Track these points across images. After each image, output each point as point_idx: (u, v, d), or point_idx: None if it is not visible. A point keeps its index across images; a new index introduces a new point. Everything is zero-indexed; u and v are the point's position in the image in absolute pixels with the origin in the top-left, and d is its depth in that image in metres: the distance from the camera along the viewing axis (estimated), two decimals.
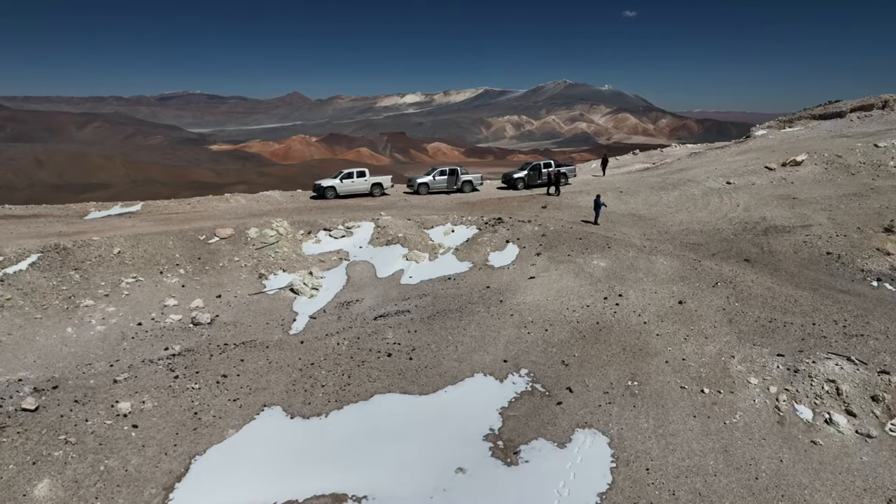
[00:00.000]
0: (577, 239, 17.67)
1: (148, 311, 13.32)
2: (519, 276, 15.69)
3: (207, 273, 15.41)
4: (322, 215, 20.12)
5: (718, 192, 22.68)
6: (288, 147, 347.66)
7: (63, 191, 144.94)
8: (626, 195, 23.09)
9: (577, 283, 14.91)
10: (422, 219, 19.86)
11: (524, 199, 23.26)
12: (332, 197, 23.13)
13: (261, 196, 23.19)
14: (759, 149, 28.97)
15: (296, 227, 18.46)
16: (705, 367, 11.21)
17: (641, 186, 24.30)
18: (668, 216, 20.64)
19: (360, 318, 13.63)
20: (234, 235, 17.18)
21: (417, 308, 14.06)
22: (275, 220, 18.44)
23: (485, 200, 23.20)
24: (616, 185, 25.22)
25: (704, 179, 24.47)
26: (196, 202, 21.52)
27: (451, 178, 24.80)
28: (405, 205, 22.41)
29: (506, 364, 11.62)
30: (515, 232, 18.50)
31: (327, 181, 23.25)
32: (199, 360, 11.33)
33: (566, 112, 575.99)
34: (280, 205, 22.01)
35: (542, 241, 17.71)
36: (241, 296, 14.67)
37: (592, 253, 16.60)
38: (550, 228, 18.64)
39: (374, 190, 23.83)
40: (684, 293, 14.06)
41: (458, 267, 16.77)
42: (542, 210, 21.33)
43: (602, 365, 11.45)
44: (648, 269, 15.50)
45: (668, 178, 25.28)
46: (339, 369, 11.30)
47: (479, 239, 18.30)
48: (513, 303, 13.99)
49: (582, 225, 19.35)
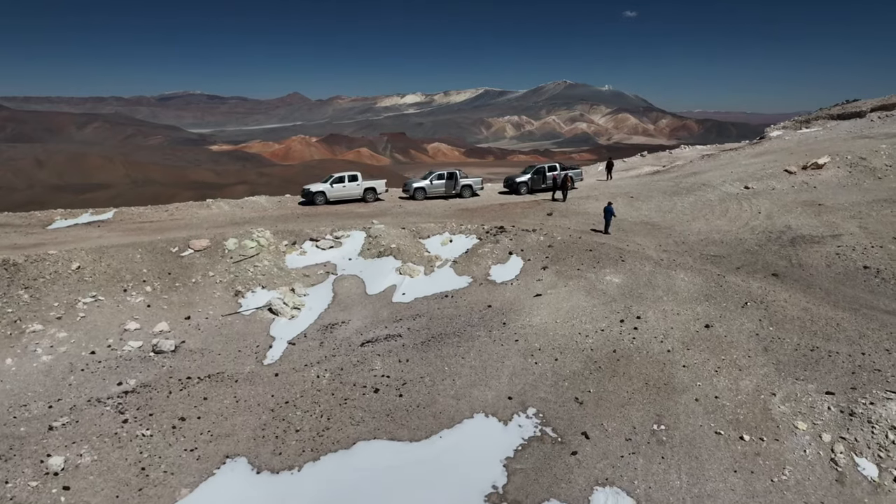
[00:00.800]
0: (587, 251, 16.12)
1: (105, 337, 11.76)
2: (524, 293, 14.14)
3: (177, 290, 13.85)
4: (309, 223, 18.58)
5: (737, 198, 21.11)
6: (288, 147, 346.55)
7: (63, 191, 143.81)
8: (637, 201, 21.52)
9: (590, 302, 13.35)
10: (417, 227, 18.32)
11: (528, 205, 21.71)
12: (321, 203, 21.58)
13: (245, 202, 21.65)
14: (776, 151, 27.40)
15: (279, 237, 16.91)
16: (742, 406, 9.65)
17: (653, 191, 22.73)
18: (684, 224, 19.07)
19: (346, 344, 12.07)
20: (210, 247, 15.63)
21: (410, 332, 12.51)
22: (256, 229, 16.89)
23: (485, 206, 21.65)
24: (625, 189, 23.66)
25: (720, 184, 22.90)
26: (174, 209, 19.98)
27: (449, 183, 23.25)
28: (400, 211, 20.86)
29: (511, 402, 10.06)
30: (519, 242, 16.95)
31: (317, 186, 21.71)
32: (155, 399, 9.77)
33: (566, 112, 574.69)
34: (265, 211, 20.47)
35: (549, 253, 16.16)
36: (212, 317, 13.12)
37: (605, 267, 15.04)
38: (557, 238, 17.08)
39: (367, 195, 22.27)
40: (710, 315, 12.50)
41: (456, 282, 15.21)
42: (548, 217, 19.78)
43: (622, 403, 9.89)
44: (668, 285, 13.94)
45: (682, 183, 23.72)
46: (318, 409, 9.75)
47: (479, 250, 16.75)
48: (517, 325, 12.43)
49: (591, 234, 17.79)
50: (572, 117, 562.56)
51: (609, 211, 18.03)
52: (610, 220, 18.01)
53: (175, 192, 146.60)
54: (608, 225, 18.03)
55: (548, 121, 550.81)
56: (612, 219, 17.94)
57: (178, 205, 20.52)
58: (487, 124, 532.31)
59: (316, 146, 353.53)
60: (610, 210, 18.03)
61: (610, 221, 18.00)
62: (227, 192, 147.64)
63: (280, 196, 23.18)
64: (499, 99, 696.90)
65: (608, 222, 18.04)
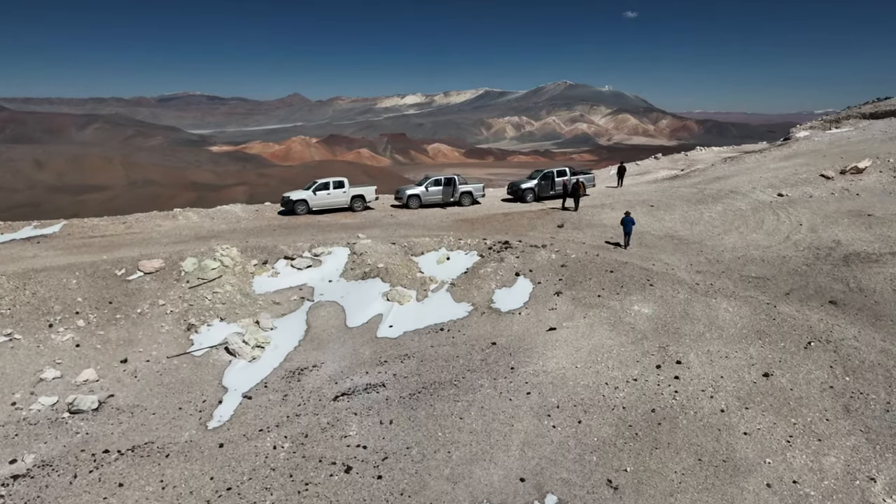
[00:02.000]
0: (607, 272, 13.73)
1: (11, 391, 9.40)
2: (534, 326, 11.76)
3: (117, 324, 11.49)
4: (286, 237, 16.21)
5: (771, 207, 18.72)
6: (288, 148, 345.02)
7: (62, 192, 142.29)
8: (659, 210, 19.12)
9: (616, 339, 10.97)
10: (409, 242, 15.95)
11: (535, 214, 19.32)
12: (303, 212, 19.19)
13: (218, 211, 19.28)
14: (807, 153, 25.01)
15: (248, 255, 14.54)
16: (833, 498, 7.26)
17: (675, 199, 20.33)
18: (715, 238, 16.68)
19: (315, 398, 9.69)
20: (163, 269, 13.27)
21: (397, 379, 10.13)
22: (221, 245, 14.52)
23: (487, 216, 19.26)
24: (644, 197, 21.26)
25: (750, 191, 20.51)
26: (134, 220, 17.60)
27: (446, 189, 20.86)
28: (391, 222, 18.49)
29: (523, 485, 7.68)
30: (527, 261, 14.57)
31: (298, 193, 19.32)
32: (53, 488, 7.40)
33: (566, 113, 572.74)
34: (238, 223, 18.10)
35: (563, 275, 13.78)
36: (155, 359, 10.74)
37: (631, 293, 12.65)
38: (572, 256, 14.70)
39: (355, 203, 19.89)
40: (767, 359, 10.11)
41: (453, 311, 12.83)
42: (559, 230, 17.40)
43: (671, 491, 7.50)
44: (709, 318, 11.55)
45: (706, 189, 21.32)
46: (269, 501, 7.37)
47: (480, 270, 14.36)
48: (529, 372, 10.06)
49: (610, 250, 15.40)
50: (572, 118, 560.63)
51: (628, 222, 15.75)
52: (630, 233, 15.76)
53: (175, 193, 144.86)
54: (628, 238, 15.78)
55: (548, 121, 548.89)
56: (632, 231, 15.66)
57: (140, 216, 18.13)
58: (488, 125, 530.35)
59: (316, 147, 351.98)
60: (629, 221, 15.73)
61: (630, 234, 15.76)
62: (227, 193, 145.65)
63: (258, 205, 20.81)
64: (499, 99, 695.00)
65: (628, 235, 15.78)
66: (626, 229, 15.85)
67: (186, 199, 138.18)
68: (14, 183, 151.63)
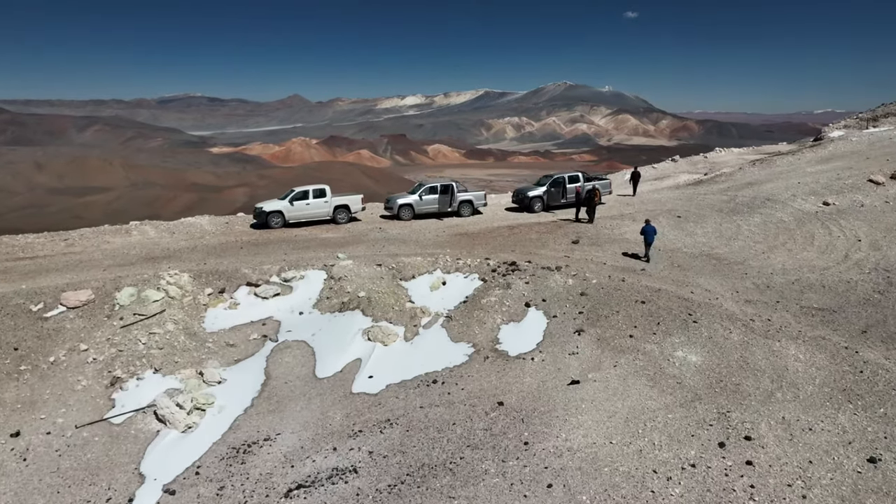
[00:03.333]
0: (637, 302, 11.24)
1: None
2: (552, 377, 9.28)
3: (21, 379, 9.01)
4: (253, 257, 13.72)
5: (818, 219, 16.19)
6: (288, 149, 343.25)
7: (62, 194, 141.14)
8: (688, 222, 16.59)
9: (659, 399, 8.47)
10: (398, 263, 13.46)
11: (545, 227, 16.80)
12: (278, 226, 16.68)
13: (180, 225, 16.77)
14: (846, 155, 22.47)
15: (202, 283, 12.05)
16: None
17: (705, 209, 17.81)
18: (759, 257, 14.14)
19: (261, 492, 7.20)
20: (92, 302, 10.79)
21: (373, 460, 7.64)
22: (169, 271, 12.03)
23: (490, 230, 16.75)
24: (668, 205, 18.73)
25: (789, 198, 17.97)
26: (78, 237, 15.12)
27: (443, 198, 18.33)
28: (379, 237, 15.99)
29: None
30: (539, 287, 12.08)
31: (272, 204, 16.80)
32: None
33: (567, 113, 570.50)
34: (202, 239, 15.60)
35: (583, 306, 11.29)
36: (60, 429, 8.26)
37: (671, 332, 10.15)
38: (592, 282, 12.19)
39: (339, 215, 17.36)
40: (868, 434, 7.59)
41: (449, 354, 10.34)
42: (574, 247, 14.88)
43: None
44: (776, 370, 9.03)
45: (738, 197, 18.79)
46: None
47: (483, 299, 11.87)
48: (548, 449, 7.56)
49: (637, 273, 12.88)
50: (573, 118, 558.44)
51: (650, 232, 13.65)
52: (651, 244, 13.76)
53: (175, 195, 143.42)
54: (648, 249, 13.82)
55: (548, 122, 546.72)
56: (654, 241, 13.79)
57: (87, 231, 15.63)
58: (488, 126, 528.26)
59: (316, 148, 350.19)
60: (651, 230, 13.66)
61: (651, 245, 13.79)
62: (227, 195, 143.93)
63: (229, 216, 18.31)
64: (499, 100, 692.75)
65: (649, 246, 13.78)
66: (646, 239, 13.77)
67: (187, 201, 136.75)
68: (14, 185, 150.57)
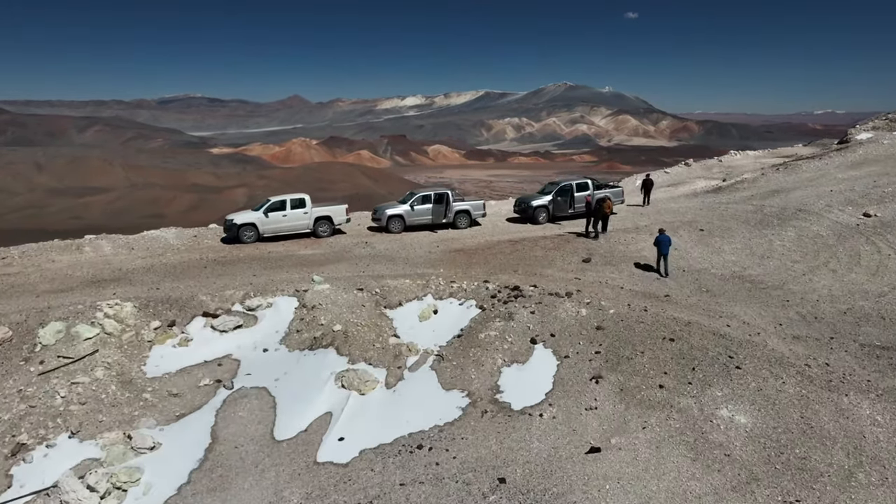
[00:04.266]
0: (664, 339, 9.40)
1: None
2: (566, 441, 7.44)
3: None
4: (215, 280, 11.89)
5: (861, 233, 14.32)
6: (288, 150, 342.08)
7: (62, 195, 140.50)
8: (712, 237, 14.73)
9: (705, 479, 6.62)
10: (383, 286, 11.62)
11: (552, 242, 14.95)
12: (251, 240, 14.83)
13: (142, 239, 14.91)
14: (881, 159, 20.60)
15: (148, 314, 10.21)
16: None
17: (730, 220, 15.95)
18: (800, 280, 12.27)
19: None
20: (8, 341, 8.96)
21: None
22: (111, 300, 10.19)
23: (490, 245, 14.91)
24: (687, 216, 16.88)
25: (824, 209, 16.12)
26: (19, 254, 13.24)
27: (437, 208, 16.48)
28: (363, 254, 14.15)
29: None
30: (547, 318, 10.24)
31: (244, 215, 14.93)
32: None
33: (567, 114, 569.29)
34: (162, 256, 13.75)
35: (600, 344, 9.45)
36: None
37: (710, 382, 8.30)
38: (610, 312, 10.35)
39: (320, 227, 15.49)
40: None
41: (440, 407, 8.49)
42: (585, 266, 13.04)
43: None
44: (850, 438, 7.18)
45: (765, 207, 16.92)
46: None
47: (481, 334, 10.02)
48: None
49: (661, 302, 11.02)
50: (573, 119, 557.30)
51: (664, 242, 12.23)
52: (667, 256, 12.37)
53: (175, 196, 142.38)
54: (665, 263, 12.44)
55: (548, 122, 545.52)
56: (669, 252, 12.41)
57: (31, 246, 13.77)
58: (488, 126, 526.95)
59: (316, 149, 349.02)
60: (665, 241, 12.24)
61: (667, 257, 12.41)
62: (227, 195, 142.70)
63: (199, 228, 16.43)
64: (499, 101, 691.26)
65: (665, 259, 12.40)
66: (661, 251, 12.30)
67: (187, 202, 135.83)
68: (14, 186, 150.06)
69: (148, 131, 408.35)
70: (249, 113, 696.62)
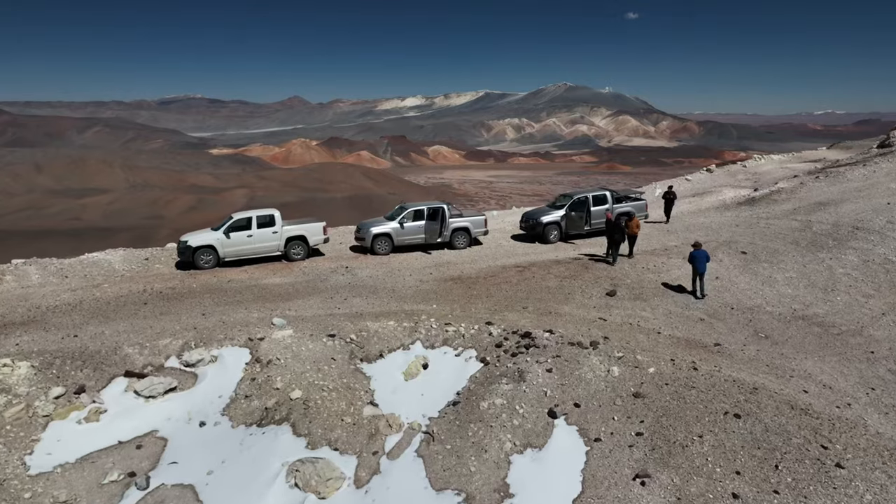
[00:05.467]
0: (727, 414, 7.05)
1: None
2: None
3: None
4: (153, 323, 9.54)
5: None
6: (288, 151, 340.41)
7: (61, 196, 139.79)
8: (758, 262, 12.35)
9: None
10: (361, 331, 9.28)
11: (567, 268, 12.57)
12: (209, 266, 12.47)
13: (79, 264, 12.52)
14: None
15: (50, 377, 7.84)
16: None
17: (774, 240, 13.59)
18: (879, 321, 9.89)
19: None
20: None
21: None
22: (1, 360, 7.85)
23: (492, 272, 12.53)
24: (723, 234, 14.51)
25: (885, 227, 13.74)
26: None
27: (431, 226, 14.10)
28: (342, 283, 11.80)
29: None
30: (568, 380, 7.90)
31: (201, 236, 12.52)
32: None
33: (567, 115, 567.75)
34: (98, 287, 11.39)
35: (641, 420, 7.11)
36: None
37: (806, 494, 5.93)
38: (649, 370, 8.00)
39: (292, 249, 13.12)
40: None
41: None
42: (610, 301, 10.68)
43: None
44: None
45: (813, 224, 14.56)
46: None
47: (483, 401, 7.68)
48: None
49: (712, 354, 8.67)
50: (573, 119, 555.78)
51: (700, 258, 10.53)
52: (704, 274, 10.62)
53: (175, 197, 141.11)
54: (702, 284, 10.71)
55: (548, 123, 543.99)
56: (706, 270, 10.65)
57: None
58: (488, 127, 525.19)
59: (316, 149, 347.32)
60: (702, 257, 10.54)
61: (704, 276, 10.65)
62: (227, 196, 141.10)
63: (154, 249, 14.07)
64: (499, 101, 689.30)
65: (701, 279, 10.66)
66: (697, 268, 10.56)
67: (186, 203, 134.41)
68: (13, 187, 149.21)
69: (148, 132, 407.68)
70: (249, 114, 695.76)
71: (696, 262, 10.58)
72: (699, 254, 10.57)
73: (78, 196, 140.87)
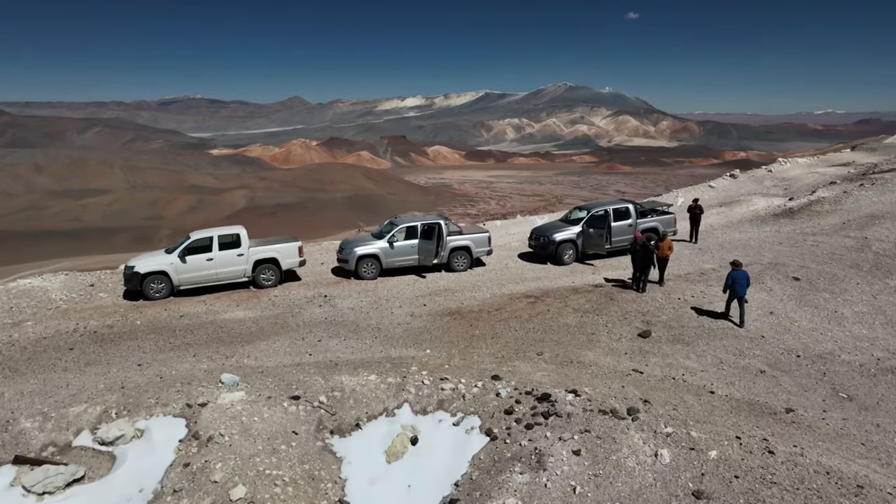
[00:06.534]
0: None
1: None
2: None
3: None
4: (74, 378, 7.55)
5: None
6: (288, 151, 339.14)
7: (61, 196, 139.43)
8: (816, 291, 10.34)
9: None
10: (334, 389, 7.28)
11: (587, 299, 10.55)
12: (161, 296, 10.48)
13: (4, 293, 10.55)
14: None
15: None
16: None
17: (829, 263, 11.58)
18: None
19: None
20: None
21: None
22: None
23: (498, 304, 10.51)
24: (763, 253, 12.50)
25: None
26: None
27: (426, 245, 12.07)
28: (316, 318, 9.80)
29: None
30: (602, 469, 5.90)
31: (152, 260, 10.49)
32: None
33: (567, 115, 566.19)
34: (20, 325, 9.37)
35: None
36: None
37: None
38: (710, 456, 5.99)
39: (262, 274, 11.13)
40: None
41: None
42: (643, 344, 8.67)
43: None
44: None
45: (871, 241, 12.56)
46: None
47: (489, 500, 5.68)
48: None
49: (788, 427, 6.67)
50: (573, 119, 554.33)
51: (741, 280, 8.93)
52: (744, 298, 9.03)
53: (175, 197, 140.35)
54: (742, 310, 9.12)
55: (548, 123, 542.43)
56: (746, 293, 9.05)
57: None
58: (488, 127, 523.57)
59: (316, 150, 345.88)
60: (743, 278, 8.93)
61: (744, 300, 9.06)
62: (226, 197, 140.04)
63: (101, 272, 12.07)
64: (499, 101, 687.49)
65: (742, 305, 9.09)
66: (737, 292, 8.97)
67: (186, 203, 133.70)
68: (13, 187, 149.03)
69: (148, 133, 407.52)
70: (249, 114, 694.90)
71: (735, 284, 8.90)
72: (739, 275, 8.87)
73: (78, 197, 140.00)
